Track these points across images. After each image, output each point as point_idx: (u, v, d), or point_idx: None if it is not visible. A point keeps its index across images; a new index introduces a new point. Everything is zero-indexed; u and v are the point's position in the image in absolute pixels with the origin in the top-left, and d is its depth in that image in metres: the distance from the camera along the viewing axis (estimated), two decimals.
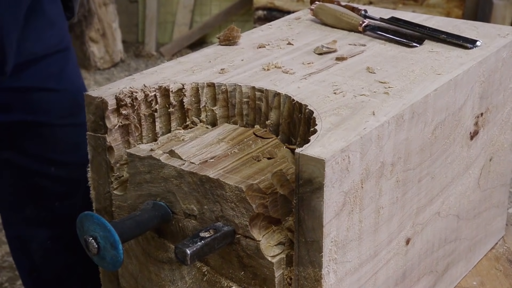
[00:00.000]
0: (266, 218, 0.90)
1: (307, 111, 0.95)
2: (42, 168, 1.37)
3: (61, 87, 1.37)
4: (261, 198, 0.89)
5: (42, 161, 1.37)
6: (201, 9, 4.45)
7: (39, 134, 1.35)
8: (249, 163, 0.94)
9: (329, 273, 0.87)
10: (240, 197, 0.88)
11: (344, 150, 0.84)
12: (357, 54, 1.16)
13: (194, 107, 1.07)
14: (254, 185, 0.89)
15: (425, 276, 1.13)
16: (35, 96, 1.33)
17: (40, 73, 1.33)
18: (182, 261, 0.87)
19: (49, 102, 1.34)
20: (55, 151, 1.37)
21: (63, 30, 1.39)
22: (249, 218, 0.88)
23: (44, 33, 1.33)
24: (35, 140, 1.35)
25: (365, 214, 0.91)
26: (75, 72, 1.43)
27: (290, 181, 0.91)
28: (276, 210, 0.90)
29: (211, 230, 0.90)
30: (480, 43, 1.18)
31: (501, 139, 1.27)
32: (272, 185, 0.90)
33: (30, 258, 1.47)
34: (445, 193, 1.12)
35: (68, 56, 1.40)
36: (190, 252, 0.86)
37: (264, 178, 0.91)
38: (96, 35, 4.13)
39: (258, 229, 0.89)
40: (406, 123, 0.95)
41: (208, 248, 0.89)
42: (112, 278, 1.12)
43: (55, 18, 1.36)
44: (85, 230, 0.90)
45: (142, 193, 1.00)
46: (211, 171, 0.92)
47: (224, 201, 0.90)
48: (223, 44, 1.22)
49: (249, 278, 0.93)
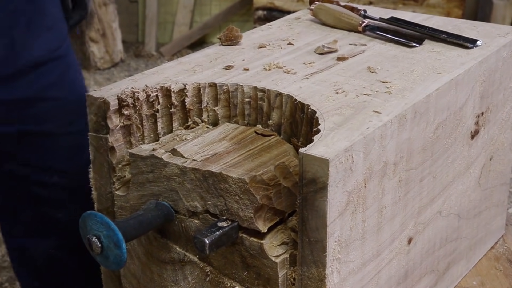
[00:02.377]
0: (271, 210, 0.90)
1: (309, 111, 0.95)
2: (43, 177, 1.36)
3: (61, 95, 1.35)
4: (264, 189, 0.89)
5: (44, 170, 1.35)
6: (201, 9, 4.44)
7: (40, 143, 1.34)
8: (251, 158, 0.95)
9: (333, 273, 0.87)
10: (244, 189, 0.88)
11: (347, 149, 0.84)
12: (358, 54, 1.17)
13: (195, 107, 1.07)
14: (257, 176, 0.89)
15: (426, 275, 1.13)
16: (37, 107, 1.31)
17: (39, 81, 1.30)
18: (201, 251, 0.88)
19: (50, 111, 1.33)
20: (56, 159, 1.36)
21: (63, 35, 1.37)
22: (254, 210, 0.89)
23: (42, 37, 1.31)
24: (37, 150, 1.34)
25: (368, 213, 0.92)
26: (76, 79, 1.40)
27: (293, 174, 0.91)
28: (280, 202, 0.91)
29: (229, 220, 0.91)
30: (481, 42, 1.18)
31: (501, 138, 1.28)
32: (275, 177, 0.90)
33: (31, 268, 1.46)
34: (446, 192, 1.12)
35: (68, 62, 1.38)
36: (208, 241, 0.88)
37: (267, 170, 0.91)
38: (96, 35, 4.13)
39: (263, 221, 0.89)
40: (409, 123, 0.96)
41: (226, 238, 0.90)
42: (114, 278, 1.13)
43: (54, 21, 1.34)
44: (88, 230, 0.90)
45: (144, 193, 1.00)
46: (213, 166, 0.92)
47: (227, 195, 0.91)
48: (225, 44, 1.22)
49: (252, 278, 0.93)
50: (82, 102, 1.41)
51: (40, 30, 1.30)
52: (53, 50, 1.33)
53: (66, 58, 1.37)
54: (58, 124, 1.34)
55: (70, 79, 1.37)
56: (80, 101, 1.38)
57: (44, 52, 1.31)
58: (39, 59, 1.30)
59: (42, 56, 1.31)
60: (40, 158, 1.35)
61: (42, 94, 1.31)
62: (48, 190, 1.38)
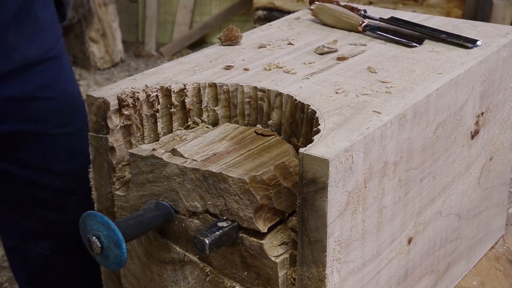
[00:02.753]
0: (271, 210, 0.90)
1: (309, 111, 0.95)
2: (40, 178, 1.35)
3: (55, 95, 1.35)
4: (264, 189, 0.89)
5: (40, 171, 1.35)
6: (201, 9, 4.44)
7: (36, 144, 1.34)
8: (251, 158, 0.95)
9: (333, 273, 0.87)
10: (244, 189, 0.88)
11: (347, 149, 0.84)
12: (358, 54, 1.17)
13: (195, 107, 1.07)
14: (257, 176, 0.89)
15: (426, 275, 1.13)
16: (30, 106, 1.31)
17: (33, 81, 1.30)
18: (201, 251, 0.88)
19: (44, 111, 1.33)
20: (53, 160, 1.36)
21: (57, 36, 1.37)
22: (254, 210, 0.89)
23: (36, 37, 1.31)
24: (33, 150, 1.34)
25: (368, 213, 0.92)
26: (69, 79, 1.40)
27: (293, 174, 0.91)
28: (280, 202, 0.91)
29: (229, 220, 0.91)
30: (481, 42, 1.18)
31: (501, 138, 1.28)
32: (275, 177, 0.90)
33: (28, 269, 1.46)
34: (446, 192, 1.12)
35: (62, 63, 1.38)
36: (208, 241, 0.88)
37: (267, 170, 0.91)
38: (96, 35, 4.13)
39: (263, 221, 0.90)
40: (409, 123, 0.96)
41: (226, 238, 0.90)
42: (114, 278, 1.13)
43: (48, 23, 1.34)
44: (88, 229, 0.90)
45: (144, 193, 1.00)
46: (213, 166, 0.92)
47: (227, 195, 0.91)
48: (225, 44, 1.22)
49: (252, 278, 0.93)
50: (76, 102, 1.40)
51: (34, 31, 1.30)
52: (48, 50, 1.34)
53: (61, 58, 1.37)
54: (53, 125, 1.34)
55: (64, 79, 1.38)
56: (74, 100, 1.38)
57: (38, 52, 1.31)
58: (34, 59, 1.30)
59: (36, 56, 1.31)
60: (37, 158, 1.35)
61: (36, 94, 1.31)
62: (45, 191, 1.37)
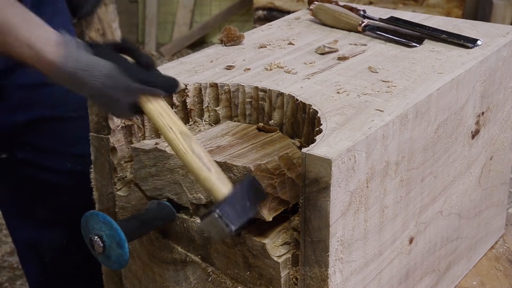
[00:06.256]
0: (276, 199, 0.90)
1: (311, 111, 0.95)
2: (57, 164, 1.36)
3: None
4: (269, 178, 0.89)
5: (58, 156, 1.36)
6: (201, 9, 4.44)
7: (55, 128, 1.35)
8: (254, 150, 0.95)
9: (335, 273, 0.87)
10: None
11: (350, 149, 0.84)
12: (358, 53, 1.17)
13: (197, 107, 1.07)
14: (262, 165, 0.89)
15: (427, 275, 1.14)
16: (50, 90, 1.32)
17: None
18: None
19: (64, 95, 1.34)
20: (71, 144, 1.37)
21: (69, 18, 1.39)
22: None
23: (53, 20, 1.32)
24: (52, 135, 1.35)
25: (370, 213, 0.92)
26: None
27: (297, 165, 0.91)
28: (285, 192, 0.91)
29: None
30: (481, 42, 1.18)
31: (501, 137, 1.28)
32: (280, 167, 0.90)
33: (40, 261, 1.46)
34: (447, 192, 1.12)
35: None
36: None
37: (271, 159, 0.91)
38: (96, 35, 4.13)
39: (267, 210, 0.90)
40: (410, 123, 0.96)
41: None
42: (115, 279, 1.13)
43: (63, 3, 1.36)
44: (90, 229, 0.90)
45: (147, 188, 0.99)
46: (217, 156, 0.92)
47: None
48: (228, 45, 1.22)
49: (254, 278, 0.93)
50: None
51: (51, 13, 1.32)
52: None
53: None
54: (72, 108, 1.35)
55: None
56: None
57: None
58: None
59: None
60: (56, 143, 1.36)
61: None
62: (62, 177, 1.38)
